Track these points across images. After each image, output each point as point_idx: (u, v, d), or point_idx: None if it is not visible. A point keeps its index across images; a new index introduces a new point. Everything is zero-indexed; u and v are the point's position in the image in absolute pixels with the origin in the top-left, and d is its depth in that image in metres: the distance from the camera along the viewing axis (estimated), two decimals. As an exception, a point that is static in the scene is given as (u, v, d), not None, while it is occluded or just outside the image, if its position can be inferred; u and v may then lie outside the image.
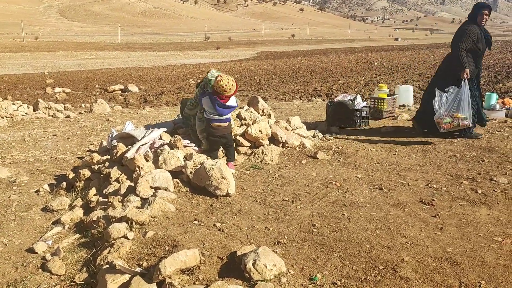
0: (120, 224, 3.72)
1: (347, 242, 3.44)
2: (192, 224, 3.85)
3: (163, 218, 3.96)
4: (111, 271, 3.07)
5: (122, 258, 3.31)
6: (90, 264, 3.46)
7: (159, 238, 3.55)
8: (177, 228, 3.76)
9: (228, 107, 5.18)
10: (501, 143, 6.38)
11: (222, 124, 5.26)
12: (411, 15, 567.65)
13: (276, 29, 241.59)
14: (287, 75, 26.76)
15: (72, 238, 4.04)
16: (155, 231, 3.67)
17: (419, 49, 61.25)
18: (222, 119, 5.24)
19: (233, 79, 5.13)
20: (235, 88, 5.11)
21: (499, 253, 3.20)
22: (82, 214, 4.45)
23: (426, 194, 4.50)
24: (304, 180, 5.02)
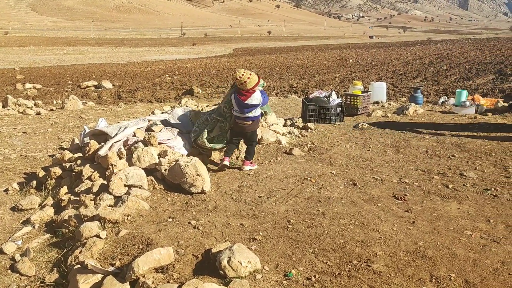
0: (92, 223, 3.64)
1: (322, 237, 3.46)
2: (166, 222, 3.81)
3: (137, 216, 3.91)
4: (82, 271, 3.01)
5: (94, 257, 3.25)
6: (61, 264, 3.38)
7: (132, 236, 3.50)
8: (151, 226, 3.71)
9: (247, 106, 4.99)
10: (470, 138, 6.55)
11: (243, 122, 5.15)
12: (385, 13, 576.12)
13: (253, 26, 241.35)
14: (263, 72, 26.76)
15: (43, 238, 3.94)
16: (128, 230, 3.61)
17: (392, 47, 62.23)
18: (243, 117, 5.10)
19: (251, 72, 4.95)
20: (253, 81, 4.90)
21: (469, 246, 3.28)
22: (53, 213, 4.34)
23: (399, 189, 4.58)
24: (280, 176, 5.03)
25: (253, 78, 4.90)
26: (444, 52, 39.85)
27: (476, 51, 38.93)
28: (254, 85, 4.93)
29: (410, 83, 17.94)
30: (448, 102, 10.25)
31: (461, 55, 34.46)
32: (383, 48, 57.91)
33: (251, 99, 4.98)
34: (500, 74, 19.10)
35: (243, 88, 4.92)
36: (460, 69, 22.84)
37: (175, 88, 18.95)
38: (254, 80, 4.92)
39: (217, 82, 21.37)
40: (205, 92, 16.93)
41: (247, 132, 5.23)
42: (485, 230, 3.58)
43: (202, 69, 30.20)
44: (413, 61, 30.63)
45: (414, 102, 9.88)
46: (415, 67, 25.68)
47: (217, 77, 24.04)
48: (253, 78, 4.90)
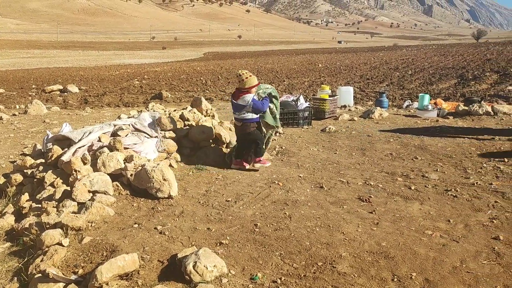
0: (54, 231, 3.55)
1: (288, 240, 3.49)
2: (132, 228, 3.75)
3: (101, 223, 3.83)
4: (43, 280, 2.93)
5: (56, 266, 3.16)
6: (21, 273, 3.28)
7: (96, 243, 3.43)
8: (116, 232, 3.65)
9: (236, 105, 5.18)
10: (432, 141, 6.75)
11: (237, 123, 5.34)
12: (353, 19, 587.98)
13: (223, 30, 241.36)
14: (234, 76, 26.75)
15: (2, 246, 3.81)
16: (92, 237, 3.54)
17: (360, 52, 63.51)
18: (237, 118, 5.30)
19: (251, 74, 5.16)
20: (251, 82, 5.10)
21: (429, 246, 3.38)
22: (13, 221, 4.20)
23: (364, 191, 4.67)
24: (248, 180, 5.05)
25: (252, 79, 5.12)
26: (410, 57, 40.92)
27: (440, 56, 40.17)
28: (251, 86, 5.14)
29: (377, 87, 18.32)
30: (412, 106, 10.54)
31: (425, 60, 35.48)
32: (351, 53, 59.02)
33: (241, 99, 5.16)
34: (462, 78, 19.78)
35: (241, 86, 5.14)
36: (424, 74, 23.49)
37: (144, 92, 18.69)
38: (252, 81, 5.13)
39: (187, 86, 21.22)
40: (174, 97, 16.78)
41: (244, 135, 5.36)
42: (445, 229, 3.69)
43: (171, 73, 29.94)
44: (380, 66, 31.32)
45: (380, 106, 10.11)
46: (382, 71, 26.25)
47: (187, 81, 23.87)
48: (252, 79, 5.12)
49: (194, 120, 5.96)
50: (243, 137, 5.38)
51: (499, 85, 16.92)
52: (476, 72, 22.22)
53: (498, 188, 4.68)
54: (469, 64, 28.61)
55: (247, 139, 5.36)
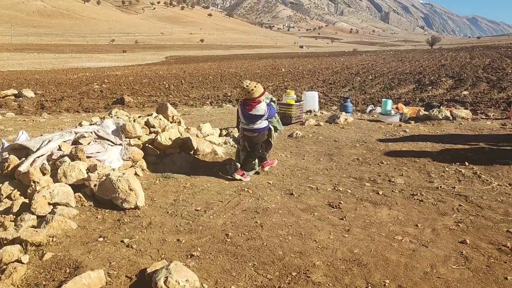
0: (12, 247, 3.32)
1: (261, 250, 3.43)
2: (97, 241, 3.58)
3: (63, 237, 3.63)
4: (1, 302, 2.73)
5: (16, 285, 2.96)
6: (-24, 295, 3.04)
7: (58, 260, 3.24)
8: (80, 247, 3.47)
9: (251, 116, 5.06)
10: (396, 146, 6.90)
11: (249, 133, 5.22)
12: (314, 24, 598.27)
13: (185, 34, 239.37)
14: (197, 80, 26.56)
15: (-46, 266, 3.54)
16: (54, 252, 3.34)
17: (322, 57, 64.65)
18: (249, 129, 5.18)
19: (256, 83, 5.05)
20: (259, 91, 5.02)
21: (400, 251, 3.41)
22: (-34, 238, 3.92)
23: (333, 197, 4.68)
24: (217, 188, 4.95)
25: (258, 88, 5.02)
26: (369, 62, 42.03)
27: (397, 62, 41.48)
28: (260, 95, 5.04)
29: (340, 92, 18.66)
30: (375, 110, 10.77)
31: (384, 65, 36.53)
32: (313, 58, 59.95)
33: (256, 110, 5.06)
34: (420, 84, 20.46)
35: (250, 98, 5.02)
36: (384, 79, 24.15)
37: (105, 97, 18.19)
38: (260, 90, 5.04)
39: (150, 91, 20.83)
40: (137, 101, 16.41)
41: (255, 144, 5.29)
42: (414, 234, 3.74)
43: (133, 77, 29.33)
44: (341, 71, 31.96)
45: (345, 111, 10.26)
46: (343, 76, 26.80)
47: (149, 85, 23.44)
48: (258, 88, 5.02)
49: (160, 126, 5.81)
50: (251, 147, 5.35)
51: (455, 90, 17.63)
52: (433, 77, 23.06)
53: (461, 191, 4.81)
54: (425, 69, 29.67)
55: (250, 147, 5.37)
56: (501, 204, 4.41)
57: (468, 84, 18.89)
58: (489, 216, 4.12)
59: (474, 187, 4.97)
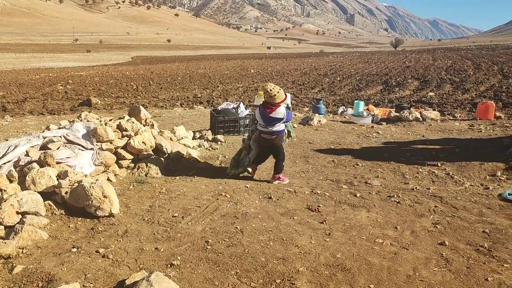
0: (-22, 261, 3.11)
1: (243, 257, 3.35)
2: (70, 252, 3.40)
3: (34, 249, 3.44)
4: (-32, 323, 2.54)
5: (-17, 303, 2.77)
6: None
7: (30, 272, 3.06)
8: (52, 258, 3.29)
9: (271, 119, 5.10)
10: (370, 147, 6.97)
11: (268, 136, 5.25)
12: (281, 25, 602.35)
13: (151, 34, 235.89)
14: (166, 81, 26.16)
15: None
16: (24, 265, 3.15)
17: (290, 58, 65.13)
18: (268, 131, 5.21)
19: (279, 88, 5.11)
20: (281, 96, 5.07)
21: (382, 255, 3.41)
22: None
23: (312, 200, 4.66)
24: (193, 193, 4.84)
25: (281, 93, 5.08)
26: (337, 63, 42.65)
27: (364, 63, 42.28)
28: (281, 100, 5.10)
29: (310, 93, 18.80)
30: (347, 112, 10.89)
31: (351, 67, 37.15)
32: (281, 59, 60.29)
33: (275, 113, 5.10)
34: (387, 85, 20.89)
35: (271, 102, 5.07)
36: (352, 80, 24.54)
37: (70, 99, 17.61)
38: (282, 96, 5.09)
39: (117, 92, 20.34)
40: (105, 103, 15.97)
41: (272, 147, 5.34)
42: (394, 237, 3.76)
43: (99, 78, 28.60)
44: (310, 72, 32.27)
45: (317, 113, 10.31)
46: (312, 77, 27.05)
47: (116, 86, 22.90)
48: (281, 93, 5.08)
49: (133, 130, 5.62)
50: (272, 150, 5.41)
51: (421, 91, 18.10)
52: (399, 78, 23.61)
53: (435, 192, 4.89)
54: (391, 71, 30.37)
55: (274, 152, 5.41)
56: (475, 205, 4.51)
57: (433, 86, 19.43)
58: (464, 217, 4.20)
59: (448, 188, 5.07)
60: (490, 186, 5.04)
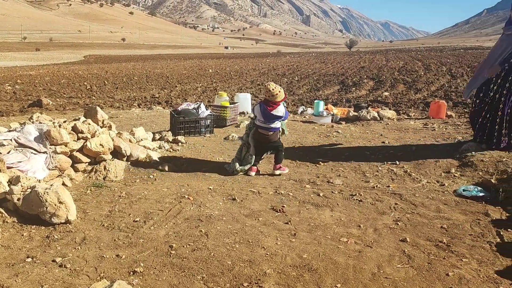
0: None
1: (209, 261, 3.28)
2: (24, 262, 3.20)
3: (-16, 260, 3.21)
4: None
5: None
6: None
7: (-20, 287, 2.85)
8: (5, 270, 3.09)
9: (272, 116, 5.48)
10: (331, 146, 7.07)
11: (265, 132, 5.62)
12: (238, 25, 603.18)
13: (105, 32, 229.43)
14: (121, 81, 25.45)
15: None
16: (-26, 279, 2.94)
17: (248, 58, 65.23)
18: (266, 127, 5.58)
19: (280, 88, 5.50)
20: (282, 95, 5.46)
21: (347, 254, 3.44)
22: None
23: (276, 201, 4.64)
24: (155, 196, 4.70)
25: (281, 93, 5.47)
26: (294, 64, 43.10)
27: (320, 63, 42.97)
28: (281, 100, 5.50)
29: (268, 93, 18.82)
30: (306, 111, 10.99)
31: (308, 67, 37.65)
32: (239, 59, 60.28)
33: (276, 111, 5.51)
34: (344, 85, 21.32)
35: (273, 100, 5.44)
36: (310, 80, 24.86)
37: (19, 99, 16.76)
38: (282, 95, 5.48)
39: (69, 92, 19.58)
40: (57, 104, 15.31)
41: (270, 142, 5.70)
42: (358, 235, 3.80)
43: (49, 78, 27.43)
44: (268, 72, 32.41)
45: (277, 113, 10.33)
46: (271, 77, 27.17)
47: (69, 86, 22.05)
48: (281, 93, 5.47)
49: (90, 132, 5.40)
50: (268, 145, 5.75)
51: (376, 91, 18.59)
52: (355, 79, 24.17)
53: (395, 190, 5.01)
54: (347, 71, 31.04)
55: (272, 147, 5.77)
56: (432, 201, 4.64)
57: (387, 86, 20.01)
58: (423, 213, 4.31)
59: (407, 185, 5.20)
60: (445, 183, 5.22)
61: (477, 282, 3.01)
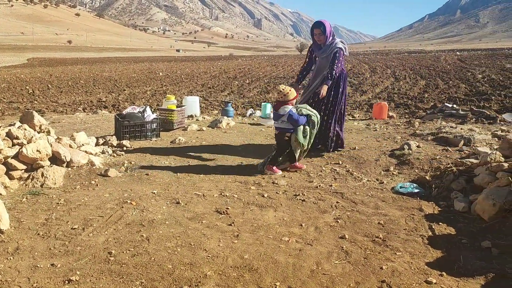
0: None
1: (148, 266, 3.23)
2: (-51, 277, 3.02)
3: None
4: None
5: None
6: None
7: None
8: None
9: (276, 114, 5.73)
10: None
11: (275, 131, 5.91)
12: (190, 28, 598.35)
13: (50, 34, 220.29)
14: (66, 85, 24.54)
15: None
16: None
17: (199, 61, 64.80)
18: (275, 126, 5.88)
19: (290, 88, 5.75)
20: (292, 94, 5.66)
21: (288, 252, 3.50)
22: None
23: (220, 203, 4.65)
24: (96, 202, 4.57)
25: (292, 92, 5.69)
26: (245, 67, 43.31)
27: (272, 66, 43.45)
28: (292, 98, 5.68)
29: (219, 96, 18.87)
30: (255, 114, 11.09)
31: (259, 70, 37.98)
32: (190, 62, 59.79)
33: (281, 109, 5.66)
34: (293, 87, 21.70)
35: (284, 99, 5.66)
36: (260, 83, 25.12)
37: (-47, 104, 15.78)
38: (293, 94, 5.69)
39: (10, 96, 18.63)
40: (-5, 109, 14.54)
41: (280, 142, 5.87)
42: (299, 234, 3.88)
43: (-12, 81, 25.97)
44: (219, 75, 32.40)
45: (226, 115, 10.36)
46: (222, 80, 27.19)
47: (9, 91, 20.98)
48: (292, 92, 5.69)
49: (26, 137, 5.16)
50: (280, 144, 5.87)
51: (324, 93, 19.06)
52: (304, 82, 24.63)
53: (337, 189, 5.16)
54: (297, 74, 31.56)
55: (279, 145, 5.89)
56: (372, 199, 4.83)
57: (335, 88, 20.55)
58: (362, 210, 4.47)
59: (348, 184, 5.37)
60: (384, 181, 5.44)
61: (408, 274, 3.16)
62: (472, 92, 16.86)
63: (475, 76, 23.26)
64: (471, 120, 9.67)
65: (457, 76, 23.98)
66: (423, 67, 32.85)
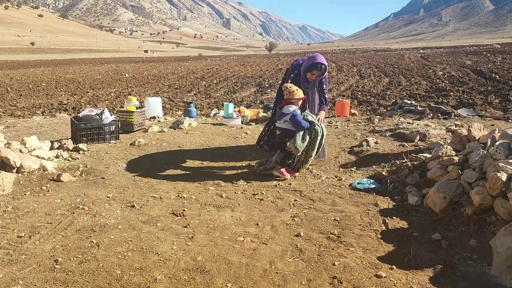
0: None
1: (96, 272, 3.13)
2: None
3: None
4: None
5: None
6: None
7: None
8: None
9: (279, 113, 5.58)
10: (238, 147, 7.13)
11: (277, 131, 5.76)
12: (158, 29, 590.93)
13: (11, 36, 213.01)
14: (27, 88, 23.75)
15: None
16: None
17: (167, 61, 64.07)
18: (278, 127, 5.68)
19: (297, 87, 5.57)
20: (300, 93, 5.53)
21: (242, 252, 3.46)
22: None
23: (177, 205, 4.57)
24: (45, 208, 4.41)
25: (299, 92, 5.54)
26: (214, 67, 43.11)
27: (240, 66, 43.41)
28: (297, 98, 5.52)
29: (185, 97, 18.67)
30: (219, 114, 11.02)
31: (228, 70, 37.87)
32: (158, 63, 59.03)
33: (284, 108, 5.50)
34: (260, 87, 21.73)
35: (291, 97, 5.48)
36: (228, 83, 25.03)
37: None
38: (300, 94, 5.54)
39: (-35, 101, 17.86)
40: (-48, 114, 13.89)
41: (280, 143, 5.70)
42: (255, 233, 3.85)
43: None
44: (187, 75, 32.11)
45: (188, 116, 10.25)
46: (189, 81, 26.94)
47: (-35, 95, 20.12)
48: (299, 92, 5.54)
49: (-29, 143, 4.93)
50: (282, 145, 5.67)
51: (290, 92, 19.16)
52: (271, 80, 24.75)
53: (296, 187, 5.16)
54: (265, 73, 31.68)
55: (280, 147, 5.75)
56: (329, 195, 4.85)
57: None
58: (319, 207, 4.49)
59: (307, 181, 5.39)
60: (343, 177, 5.49)
61: (359, 269, 3.19)
62: (432, 89, 17.33)
63: (436, 73, 23.93)
64: (428, 115, 9.92)
65: (419, 73, 24.61)
66: (387, 65, 33.56)
